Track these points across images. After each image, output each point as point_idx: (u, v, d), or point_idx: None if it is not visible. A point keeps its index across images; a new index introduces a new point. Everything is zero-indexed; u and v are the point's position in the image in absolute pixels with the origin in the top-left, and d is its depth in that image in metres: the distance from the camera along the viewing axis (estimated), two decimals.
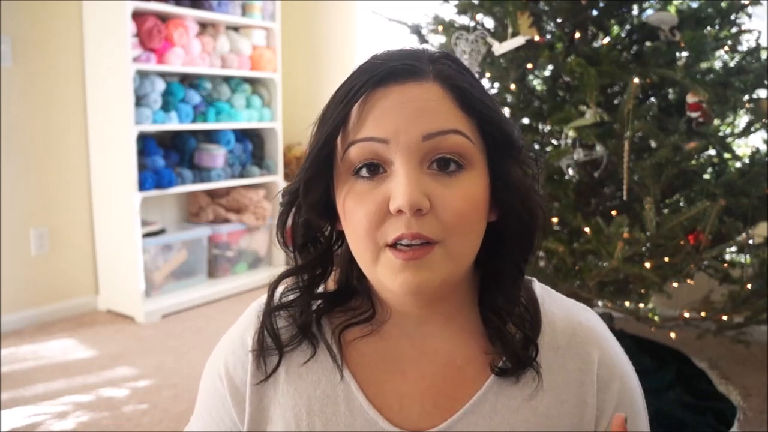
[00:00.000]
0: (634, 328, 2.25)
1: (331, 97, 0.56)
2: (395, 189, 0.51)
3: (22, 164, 2.79)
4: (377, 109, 0.53)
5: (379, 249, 0.53)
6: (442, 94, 0.53)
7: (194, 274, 3.26)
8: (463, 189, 0.53)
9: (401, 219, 0.51)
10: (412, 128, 0.52)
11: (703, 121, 1.67)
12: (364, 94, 0.53)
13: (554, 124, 1.75)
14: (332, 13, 3.82)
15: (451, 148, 0.52)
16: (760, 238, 1.68)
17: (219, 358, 0.64)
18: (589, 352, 0.60)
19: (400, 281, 0.52)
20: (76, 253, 3.03)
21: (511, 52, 1.82)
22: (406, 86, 0.53)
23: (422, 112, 0.52)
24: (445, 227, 0.52)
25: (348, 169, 0.54)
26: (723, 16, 1.82)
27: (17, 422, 1.97)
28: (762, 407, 2.01)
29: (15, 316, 2.79)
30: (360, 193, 0.53)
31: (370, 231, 0.52)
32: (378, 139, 0.52)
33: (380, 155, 0.53)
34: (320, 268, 0.62)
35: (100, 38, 2.88)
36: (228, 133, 3.33)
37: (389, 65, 0.53)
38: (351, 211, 0.54)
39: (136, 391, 2.20)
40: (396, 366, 0.61)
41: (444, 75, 0.54)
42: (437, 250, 0.52)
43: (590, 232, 1.68)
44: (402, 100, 0.52)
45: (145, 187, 2.87)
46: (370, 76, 0.53)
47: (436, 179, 0.52)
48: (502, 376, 0.58)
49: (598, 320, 0.64)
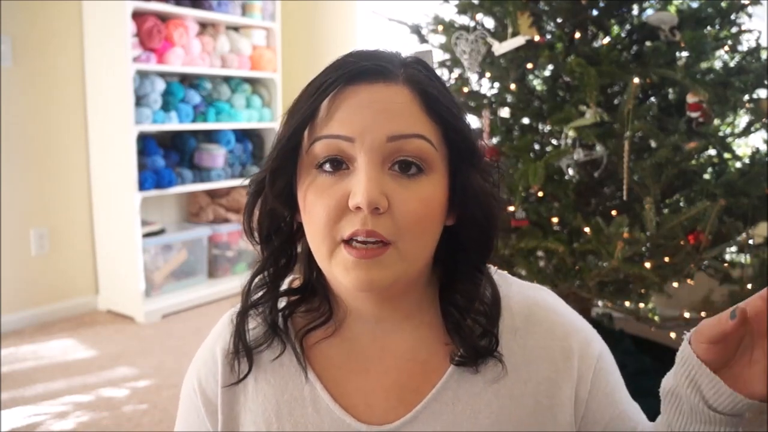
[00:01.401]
0: (634, 328, 2.25)
1: (302, 91, 0.58)
2: (356, 186, 0.52)
3: (22, 164, 2.79)
4: (345, 107, 0.54)
5: (336, 244, 0.54)
6: (410, 97, 0.54)
7: (194, 274, 3.26)
8: (421, 192, 0.54)
9: (358, 216, 0.52)
10: (378, 128, 0.53)
11: (703, 121, 1.67)
12: (333, 90, 0.54)
13: (554, 124, 1.74)
14: (332, 13, 3.82)
15: (413, 151, 0.53)
16: (760, 238, 1.68)
17: (193, 371, 0.66)
18: (548, 328, 0.62)
19: (352, 277, 0.53)
20: (76, 253, 3.03)
21: (511, 52, 1.82)
22: (375, 86, 0.54)
23: (389, 114, 0.53)
24: (399, 228, 0.53)
25: (312, 162, 0.55)
26: (723, 16, 1.82)
27: (17, 422, 1.97)
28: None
29: (15, 316, 2.79)
30: (321, 186, 0.54)
31: (327, 225, 0.54)
32: (344, 137, 0.53)
33: (344, 152, 0.54)
34: (284, 258, 0.63)
35: (100, 38, 2.87)
36: (228, 133, 3.33)
37: (360, 64, 0.55)
38: (311, 204, 0.55)
39: (136, 391, 2.20)
40: (359, 365, 0.62)
41: (414, 79, 0.55)
42: (390, 251, 0.53)
43: (590, 232, 1.68)
44: (370, 100, 0.54)
45: (145, 187, 2.87)
46: (341, 73, 0.54)
47: (396, 180, 0.53)
48: (462, 365, 0.60)
49: (552, 297, 0.66)
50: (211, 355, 0.65)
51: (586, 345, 0.62)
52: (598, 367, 0.62)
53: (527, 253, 1.87)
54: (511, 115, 1.90)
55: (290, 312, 0.63)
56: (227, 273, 3.42)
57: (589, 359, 0.61)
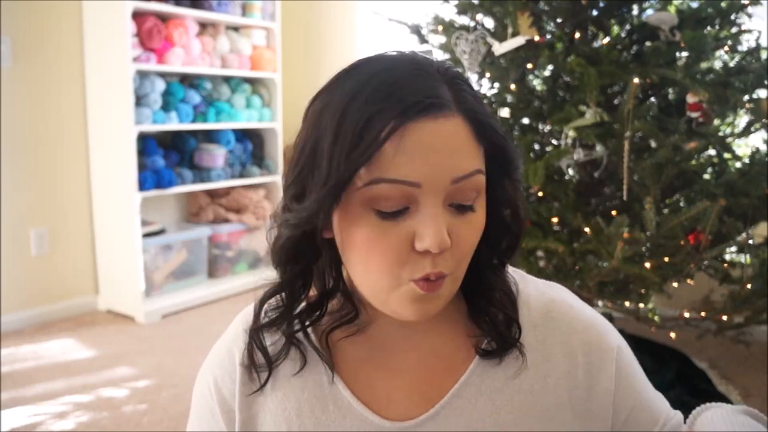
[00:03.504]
0: (634, 328, 2.25)
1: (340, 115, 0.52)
2: (423, 230, 0.51)
3: (22, 164, 2.79)
4: (409, 149, 0.51)
5: (402, 282, 0.54)
6: (466, 129, 0.53)
7: (194, 274, 3.26)
8: (476, 222, 0.55)
9: (426, 258, 0.52)
10: (444, 172, 0.52)
11: (703, 121, 1.67)
12: (396, 130, 0.50)
13: (554, 124, 1.75)
14: (332, 13, 3.82)
15: (473, 188, 0.54)
16: (760, 238, 1.68)
17: (208, 371, 0.66)
18: (569, 322, 0.63)
19: (413, 310, 0.55)
20: (76, 253, 3.03)
21: (511, 52, 1.82)
22: (438, 122, 0.51)
23: (452, 154, 0.52)
24: (457, 259, 0.54)
25: (367, 200, 0.52)
26: (723, 16, 1.82)
27: (17, 422, 1.97)
28: (762, 407, 2.01)
29: (15, 316, 2.78)
30: (380, 228, 0.52)
31: (392, 267, 0.53)
32: (410, 183, 0.51)
33: (408, 196, 0.52)
34: (301, 280, 0.61)
35: (100, 38, 2.87)
36: (228, 133, 3.33)
37: (423, 100, 0.51)
38: (369, 245, 0.53)
39: (136, 391, 2.20)
40: (382, 362, 0.62)
41: (467, 107, 0.54)
42: (447, 279, 0.54)
43: (590, 232, 1.68)
44: (434, 139, 0.51)
45: (145, 187, 2.87)
46: (402, 107, 0.50)
47: (453, 215, 0.54)
48: (487, 357, 0.61)
49: (568, 293, 0.67)
50: (228, 356, 0.64)
51: (604, 337, 0.63)
52: (619, 359, 0.62)
53: (527, 253, 1.87)
54: (511, 115, 1.90)
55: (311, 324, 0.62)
56: (227, 273, 3.42)
57: (608, 351, 0.62)
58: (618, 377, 0.62)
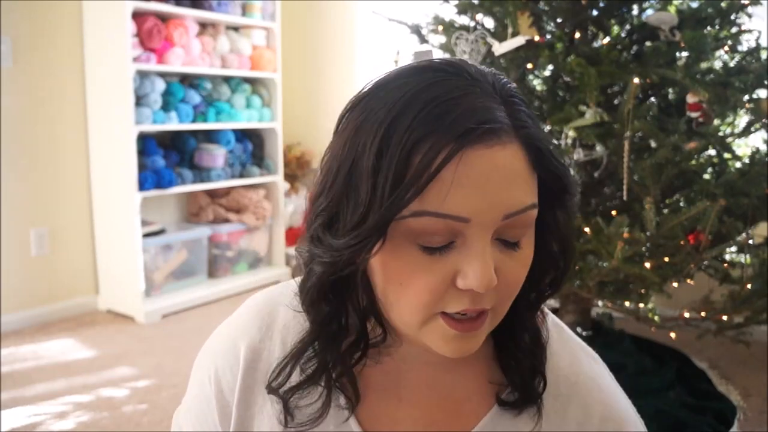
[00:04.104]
0: (634, 328, 2.25)
1: (383, 135, 0.46)
2: (468, 268, 0.46)
3: (22, 164, 2.78)
4: (465, 180, 0.45)
5: (432, 315, 0.49)
6: (523, 159, 0.47)
7: (194, 274, 3.26)
8: (524, 258, 0.50)
9: (466, 294, 0.47)
10: (495, 207, 0.46)
11: (703, 121, 1.67)
12: (452, 158, 0.44)
13: (554, 124, 1.75)
14: (332, 13, 3.82)
15: (524, 224, 0.48)
16: (760, 238, 1.68)
17: (209, 358, 0.63)
18: (591, 405, 0.57)
19: (448, 349, 0.50)
20: (76, 253, 3.03)
21: (511, 52, 1.82)
22: (493, 150, 0.45)
23: (507, 187, 0.46)
24: (501, 296, 0.49)
25: (410, 232, 0.47)
26: (723, 16, 1.82)
27: (17, 422, 1.97)
28: (762, 407, 2.01)
29: (15, 316, 2.78)
30: (422, 262, 0.47)
31: (429, 303, 0.48)
32: (460, 218, 0.45)
33: (455, 231, 0.46)
34: (336, 323, 0.54)
35: (100, 38, 2.87)
36: (228, 133, 3.33)
37: (479, 126, 0.45)
38: (406, 278, 0.48)
39: (136, 391, 2.20)
40: (394, 391, 0.58)
41: (525, 133, 0.48)
42: (488, 317, 0.50)
43: (590, 232, 1.68)
44: (490, 171, 0.45)
45: (145, 187, 2.87)
46: (455, 135, 0.44)
47: (501, 250, 0.48)
48: (505, 407, 0.56)
49: (605, 373, 0.61)
50: (233, 348, 0.60)
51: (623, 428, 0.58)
52: None
53: None
54: None
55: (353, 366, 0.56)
56: (227, 273, 3.42)
57: None
58: None
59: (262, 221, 3.48)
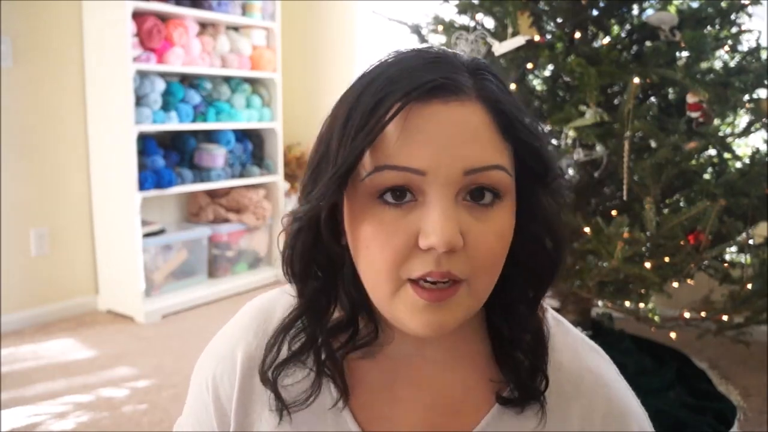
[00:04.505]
0: (634, 328, 2.25)
1: (352, 100, 0.49)
2: (428, 224, 0.46)
3: (22, 164, 2.78)
4: (416, 132, 0.46)
5: (400, 283, 0.48)
6: (485, 118, 0.48)
7: (194, 274, 3.25)
8: (497, 224, 0.48)
9: (430, 255, 0.47)
10: (454, 161, 0.46)
11: (703, 121, 1.67)
12: (402, 110, 0.46)
13: (554, 124, 1.74)
14: (332, 13, 3.82)
15: (490, 182, 0.48)
16: (760, 238, 1.68)
17: (208, 365, 0.62)
18: (594, 401, 0.57)
19: (419, 322, 0.48)
20: (76, 253, 3.03)
21: (511, 52, 1.82)
22: (449, 106, 0.47)
23: (465, 142, 0.47)
24: (474, 265, 0.48)
25: (371, 191, 0.48)
26: (723, 16, 1.82)
27: (17, 422, 1.97)
28: (762, 407, 2.01)
29: (15, 316, 2.78)
30: (384, 221, 0.48)
31: (393, 265, 0.48)
32: (415, 170, 0.46)
33: (413, 184, 0.47)
34: (324, 298, 0.55)
35: (100, 38, 2.87)
36: (228, 133, 3.33)
37: (432, 79, 0.47)
38: (370, 239, 0.48)
39: (136, 391, 2.20)
40: (392, 390, 0.58)
41: (488, 95, 0.49)
42: (462, 288, 0.48)
43: (590, 232, 1.68)
44: (444, 124, 0.46)
45: (145, 187, 2.87)
46: (410, 88, 0.46)
47: (469, 212, 0.48)
48: (507, 405, 0.55)
49: (608, 366, 0.60)
50: (230, 356, 0.60)
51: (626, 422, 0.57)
52: None
53: None
54: None
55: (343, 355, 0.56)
56: (227, 273, 3.42)
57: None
58: None
59: (262, 221, 3.48)
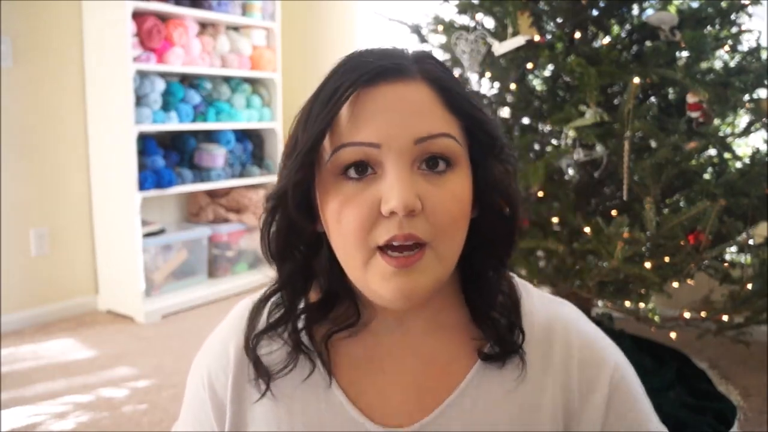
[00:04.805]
0: (634, 328, 2.25)
1: (315, 94, 0.56)
2: (387, 191, 0.51)
3: (22, 164, 2.78)
4: (368, 111, 0.52)
5: (370, 253, 0.52)
6: (430, 94, 0.54)
7: (194, 274, 3.26)
8: (453, 189, 0.53)
9: (393, 221, 0.51)
10: (404, 132, 0.52)
11: (703, 121, 1.67)
12: (353, 93, 0.52)
13: (554, 124, 1.74)
14: (332, 13, 3.82)
15: (440, 150, 0.53)
16: (760, 238, 1.68)
17: (202, 363, 0.65)
18: (567, 343, 0.61)
19: (391, 288, 0.52)
20: (76, 253, 3.03)
21: (511, 52, 1.82)
22: (395, 86, 0.53)
23: (413, 115, 0.52)
24: (435, 228, 0.52)
25: (335, 170, 0.53)
26: (723, 16, 1.82)
27: (17, 422, 1.97)
28: (762, 407, 2.01)
29: (15, 316, 2.78)
30: (349, 195, 0.53)
31: (361, 233, 0.52)
32: (370, 143, 0.52)
33: (371, 158, 0.52)
34: (301, 277, 0.60)
35: (100, 38, 2.87)
36: (228, 133, 3.33)
37: (378, 63, 0.53)
38: (339, 213, 0.53)
39: (136, 391, 2.20)
40: (378, 365, 0.61)
41: (431, 75, 0.54)
42: (428, 253, 0.52)
43: (590, 232, 1.68)
44: (392, 101, 0.52)
45: (145, 187, 2.87)
46: (359, 75, 0.53)
47: (426, 179, 0.52)
48: (489, 361, 0.59)
49: (574, 312, 0.65)
50: (223, 350, 0.63)
51: (602, 353, 0.61)
52: (614, 377, 0.60)
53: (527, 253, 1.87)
54: (511, 115, 1.90)
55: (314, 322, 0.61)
56: (227, 273, 3.42)
57: (604, 368, 0.60)
58: (611, 396, 0.59)
59: None
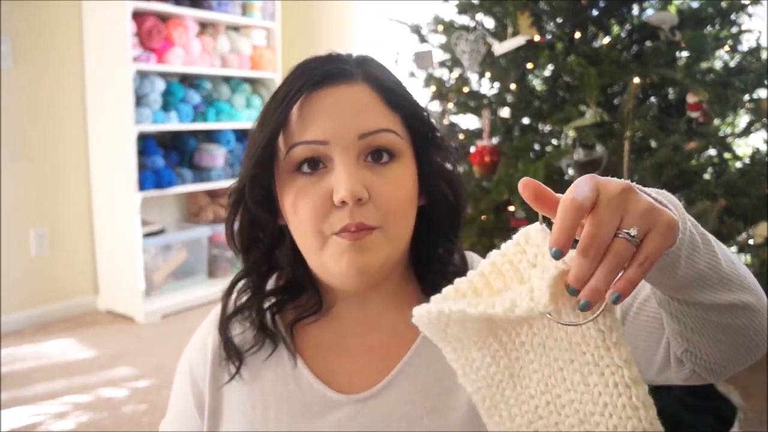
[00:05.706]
0: None
1: (270, 99, 0.62)
2: (337, 183, 0.57)
3: (22, 164, 2.78)
4: (315, 112, 0.58)
5: (326, 238, 0.58)
6: (371, 93, 0.60)
7: (194, 274, 3.25)
8: (396, 178, 0.59)
9: (344, 210, 0.57)
10: (348, 129, 0.58)
11: (703, 121, 1.67)
12: (300, 96, 0.59)
13: (554, 124, 1.75)
14: (332, 13, 3.82)
15: (383, 143, 0.59)
16: (760, 238, 1.68)
17: (186, 357, 0.72)
18: None
19: (345, 263, 0.57)
20: (76, 253, 3.03)
21: (511, 52, 1.82)
22: (338, 88, 0.59)
23: (356, 113, 0.58)
24: (383, 214, 0.58)
25: (290, 166, 0.59)
26: (723, 16, 1.82)
27: (17, 422, 1.97)
28: (762, 407, 2.01)
29: (15, 316, 2.78)
30: (303, 188, 0.59)
31: (316, 222, 0.58)
32: (318, 141, 0.58)
33: (321, 153, 0.58)
34: (266, 265, 0.67)
35: (100, 38, 2.87)
36: (228, 133, 3.33)
37: (322, 68, 0.60)
38: (296, 205, 0.59)
39: (136, 391, 2.20)
40: (344, 346, 0.66)
41: (371, 76, 0.61)
42: (377, 233, 0.58)
43: None
44: (337, 102, 0.58)
45: (145, 187, 2.87)
46: (305, 79, 0.59)
47: (371, 170, 0.58)
48: None
49: None
50: (202, 345, 0.69)
51: None
52: None
53: None
54: (511, 115, 1.90)
55: (279, 309, 0.67)
56: (227, 273, 3.42)
57: None
58: None
59: None
